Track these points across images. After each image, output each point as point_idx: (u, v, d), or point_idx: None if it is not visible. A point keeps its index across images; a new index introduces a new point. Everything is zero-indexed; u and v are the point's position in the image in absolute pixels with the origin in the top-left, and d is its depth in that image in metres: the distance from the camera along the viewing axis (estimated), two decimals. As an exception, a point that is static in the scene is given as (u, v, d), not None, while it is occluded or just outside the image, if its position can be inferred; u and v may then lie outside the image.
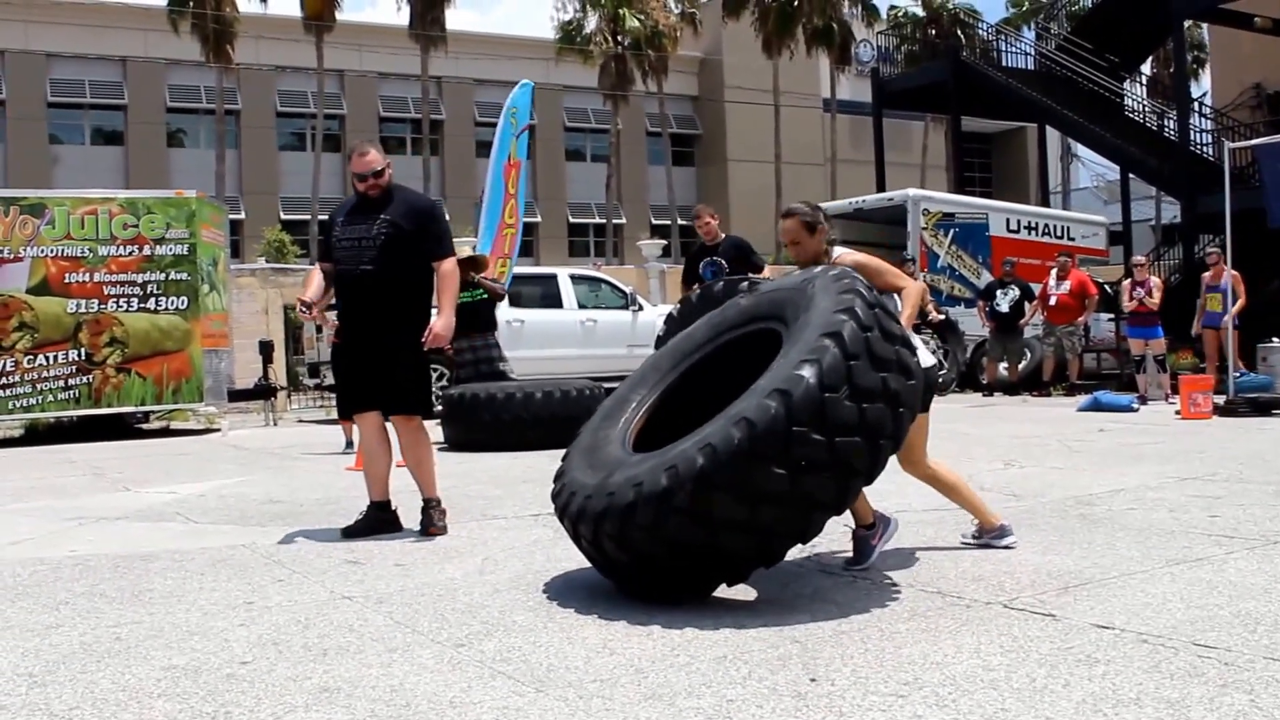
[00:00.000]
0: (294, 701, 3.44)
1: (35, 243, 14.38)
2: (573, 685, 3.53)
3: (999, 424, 12.91)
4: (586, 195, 50.70)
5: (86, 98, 46.43)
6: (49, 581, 5.45)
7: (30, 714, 3.42)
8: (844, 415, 4.13)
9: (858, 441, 4.16)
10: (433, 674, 3.70)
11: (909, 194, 20.81)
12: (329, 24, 43.31)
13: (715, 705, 3.28)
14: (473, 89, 50.69)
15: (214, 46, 41.97)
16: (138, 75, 46.41)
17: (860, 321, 4.32)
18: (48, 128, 45.85)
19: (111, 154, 46.30)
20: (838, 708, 3.22)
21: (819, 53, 49.29)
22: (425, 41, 44.06)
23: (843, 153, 48.87)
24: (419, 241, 6.41)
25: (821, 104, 52.25)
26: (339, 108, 48.97)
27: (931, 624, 4.12)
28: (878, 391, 4.24)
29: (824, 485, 4.16)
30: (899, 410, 4.34)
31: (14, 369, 14.24)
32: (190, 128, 48.65)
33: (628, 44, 47.02)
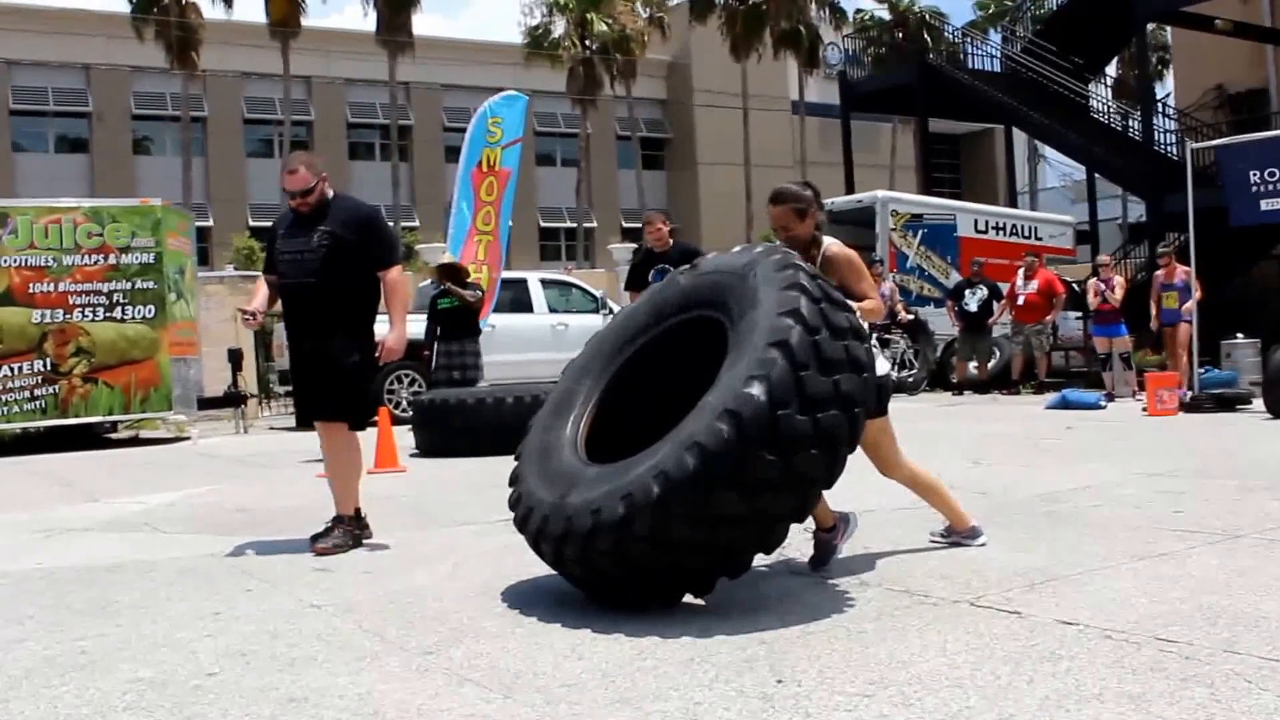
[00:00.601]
0: (261, 712, 3.43)
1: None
2: (540, 690, 3.53)
3: (968, 422, 12.97)
4: (557, 199, 50.68)
5: (49, 105, 46.10)
6: (13, 596, 5.41)
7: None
8: (798, 429, 4.09)
9: (814, 455, 4.14)
10: (401, 682, 3.69)
11: (877, 196, 20.88)
12: (295, 30, 43.12)
13: (682, 708, 3.29)
14: (441, 94, 50.60)
15: (178, 53, 41.72)
16: (101, 82, 46.11)
17: (806, 324, 4.23)
18: (10, 135, 45.49)
19: (76, 162, 45.99)
20: (804, 708, 3.24)
21: (787, 56, 49.40)
22: (393, 47, 43.95)
23: (812, 155, 48.95)
24: (362, 251, 6.27)
25: (790, 106, 52.32)
26: (306, 114, 48.80)
27: (898, 623, 4.14)
28: (830, 398, 4.18)
29: (782, 501, 4.17)
30: (854, 411, 4.29)
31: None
32: (156, 135, 48.37)
33: (596, 48, 47.03)
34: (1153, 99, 27.30)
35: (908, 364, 18.62)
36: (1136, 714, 3.09)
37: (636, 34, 47.30)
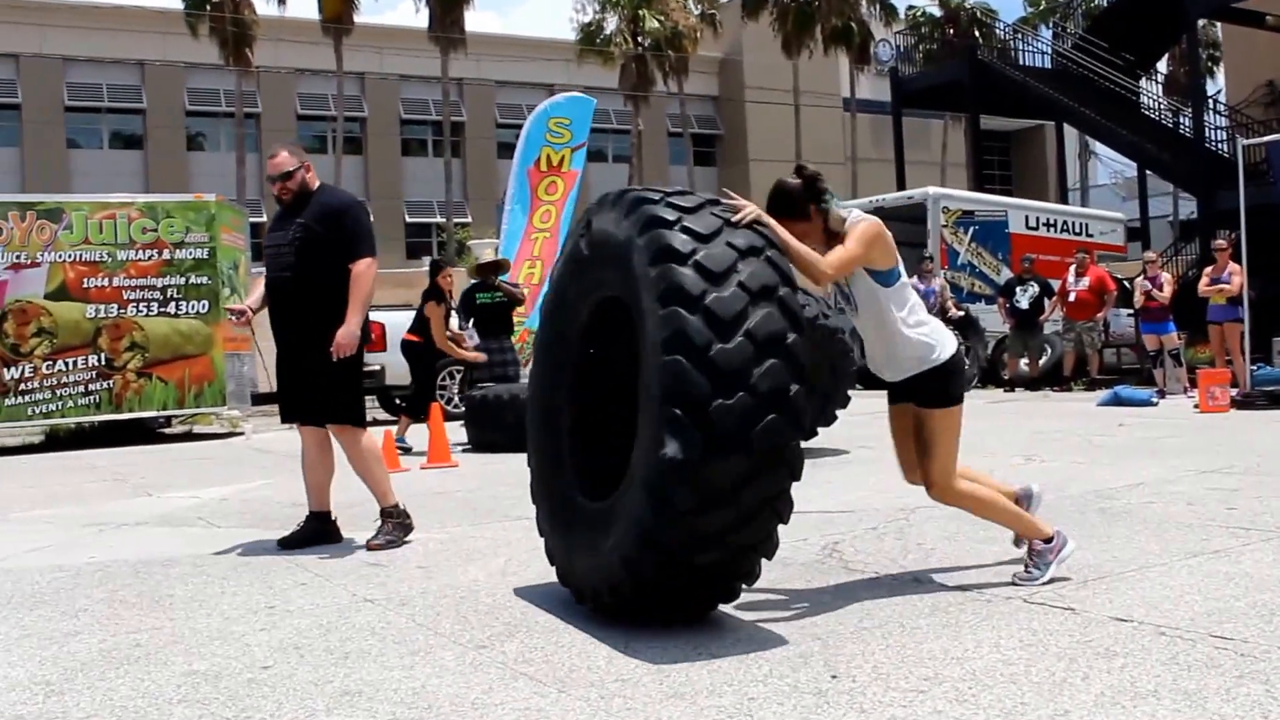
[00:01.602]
0: (316, 705, 3.45)
1: (53, 248, 14.41)
2: (594, 685, 3.54)
3: (1019, 419, 12.87)
4: (608, 196, 50.69)
5: (104, 101, 46.63)
6: (68, 588, 5.47)
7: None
8: (726, 477, 3.81)
9: (752, 491, 3.87)
10: (455, 675, 3.71)
11: (929, 192, 20.77)
12: (348, 27, 43.43)
13: (737, 703, 3.28)
14: (494, 90, 50.82)
15: (233, 49, 42.14)
16: (156, 79, 46.58)
17: (698, 353, 3.79)
18: (65, 132, 46.03)
19: (130, 158, 46.48)
20: (859, 704, 3.23)
21: (838, 52, 49.26)
22: (445, 44, 44.15)
23: (863, 151, 48.80)
24: (334, 244, 6.17)
25: (841, 103, 52.19)
26: (360, 110, 49.11)
27: (952, 619, 4.12)
28: (751, 411, 3.80)
29: (747, 539, 3.99)
30: (788, 400, 3.87)
31: (33, 375, 14.28)
32: (210, 131, 48.84)
33: (648, 45, 47.06)
34: (1203, 95, 27.07)
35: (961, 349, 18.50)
36: (1192, 710, 3.07)
37: (688, 30, 47.31)
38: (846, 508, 6.77)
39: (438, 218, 48.88)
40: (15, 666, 4.09)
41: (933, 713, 3.13)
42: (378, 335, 16.43)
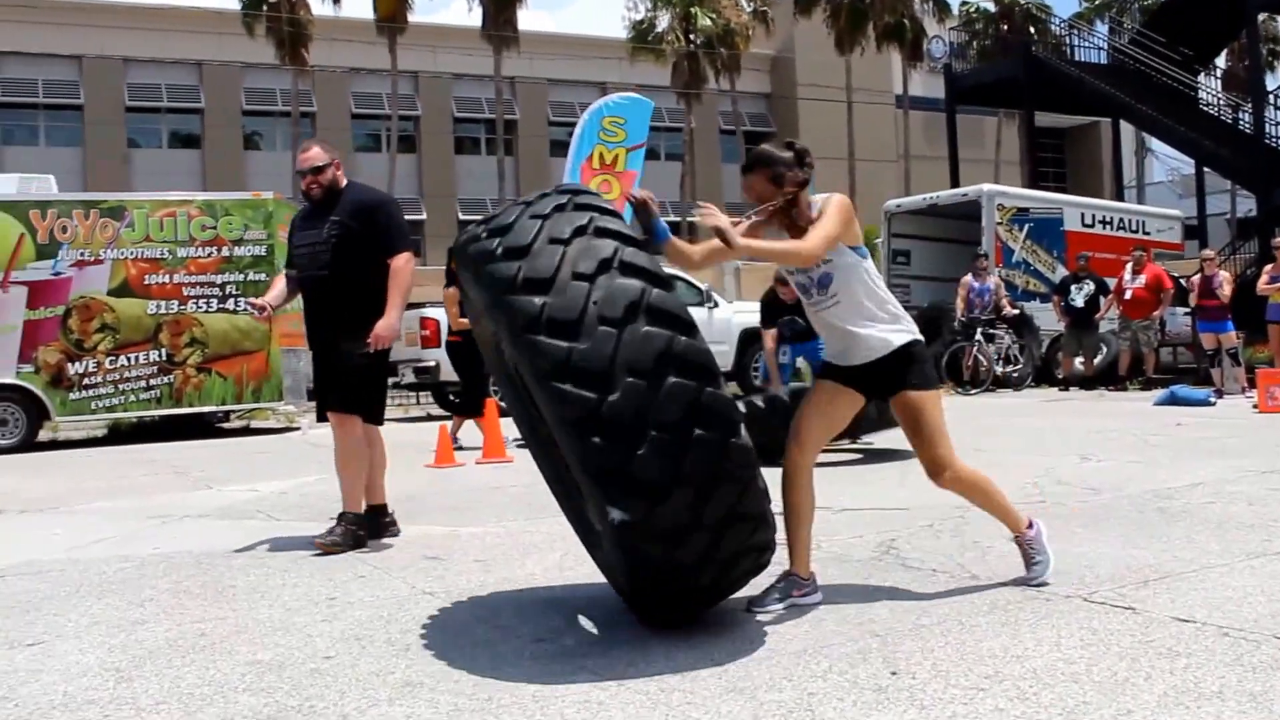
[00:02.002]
0: (378, 695, 3.49)
1: (115, 245, 14.66)
2: (653, 679, 3.55)
3: (1075, 418, 12.78)
4: (660, 193, 50.54)
5: (163, 101, 47.13)
6: (134, 579, 5.56)
7: (118, 708, 3.50)
8: (680, 513, 3.65)
9: (715, 506, 3.72)
10: (514, 668, 3.74)
11: (983, 189, 20.65)
12: (401, 26, 43.67)
13: (796, 699, 3.29)
14: (546, 89, 50.97)
15: (289, 49, 42.49)
16: (213, 79, 47.04)
17: (595, 423, 3.55)
18: (126, 132, 46.59)
19: (188, 157, 46.95)
20: (919, 701, 3.23)
21: (890, 49, 49.02)
22: (498, 42, 44.31)
23: (916, 149, 48.54)
24: (370, 240, 6.13)
25: (894, 100, 51.94)
26: (413, 109, 49.36)
27: (1011, 617, 4.10)
28: (680, 452, 3.60)
29: (736, 545, 3.87)
30: (708, 414, 3.64)
31: (96, 370, 14.53)
32: (266, 130, 49.26)
33: (700, 42, 47.03)
34: (1263, 91, 26.66)
35: (1012, 359, 18.38)
36: (1259, 713, 3.04)
37: (740, 28, 47.25)
38: (902, 505, 6.75)
39: (491, 215, 49.00)
40: (86, 653, 4.17)
41: (994, 710, 3.12)
42: (432, 331, 16.56)
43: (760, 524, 3.87)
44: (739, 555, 3.90)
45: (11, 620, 4.80)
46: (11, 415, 14.31)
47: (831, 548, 5.50)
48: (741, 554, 3.91)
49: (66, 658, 4.13)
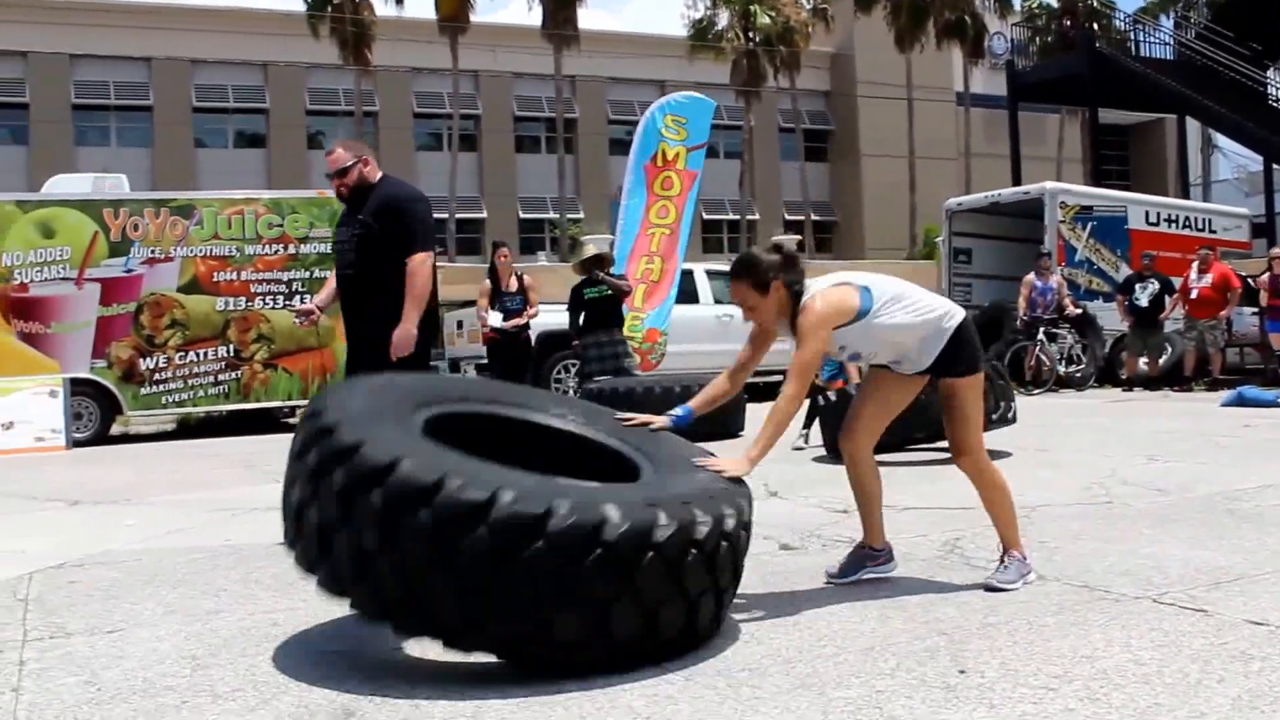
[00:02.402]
0: (448, 686, 3.53)
1: (185, 243, 14.89)
2: (721, 674, 3.57)
3: (1140, 419, 12.66)
4: (719, 191, 50.65)
5: (229, 102, 47.70)
6: (207, 569, 5.65)
7: (195, 694, 3.57)
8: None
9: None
10: (582, 661, 3.77)
11: (1046, 187, 20.48)
12: (463, 25, 43.95)
13: (865, 695, 3.31)
14: (606, 87, 51.09)
15: (352, 49, 42.87)
16: (278, 79, 47.55)
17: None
18: (193, 132, 47.18)
19: (254, 156, 47.48)
20: (988, 699, 3.23)
21: (951, 46, 48.73)
22: (558, 41, 44.48)
23: (977, 146, 48.21)
24: (392, 239, 6.02)
25: (955, 97, 51.63)
26: (474, 108, 49.64)
27: (1080, 618, 4.09)
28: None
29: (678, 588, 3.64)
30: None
31: (166, 365, 14.77)
32: (329, 129, 49.64)
33: (759, 40, 46.97)
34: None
35: (1075, 359, 18.23)
36: (1333, 715, 3.03)
37: (800, 25, 47.17)
38: (966, 504, 6.68)
39: (551, 214, 49.24)
40: (163, 641, 4.25)
41: (1064, 710, 3.13)
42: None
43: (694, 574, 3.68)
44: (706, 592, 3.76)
45: (92, 607, 4.91)
46: (86, 409, 14.58)
47: (896, 546, 5.48)
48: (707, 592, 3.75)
49: (144, 645, 4.22)
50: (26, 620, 4.71)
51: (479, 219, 49.44)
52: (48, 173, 21.07)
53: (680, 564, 3.55)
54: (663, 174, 15.55)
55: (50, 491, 9.52)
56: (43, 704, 3.54)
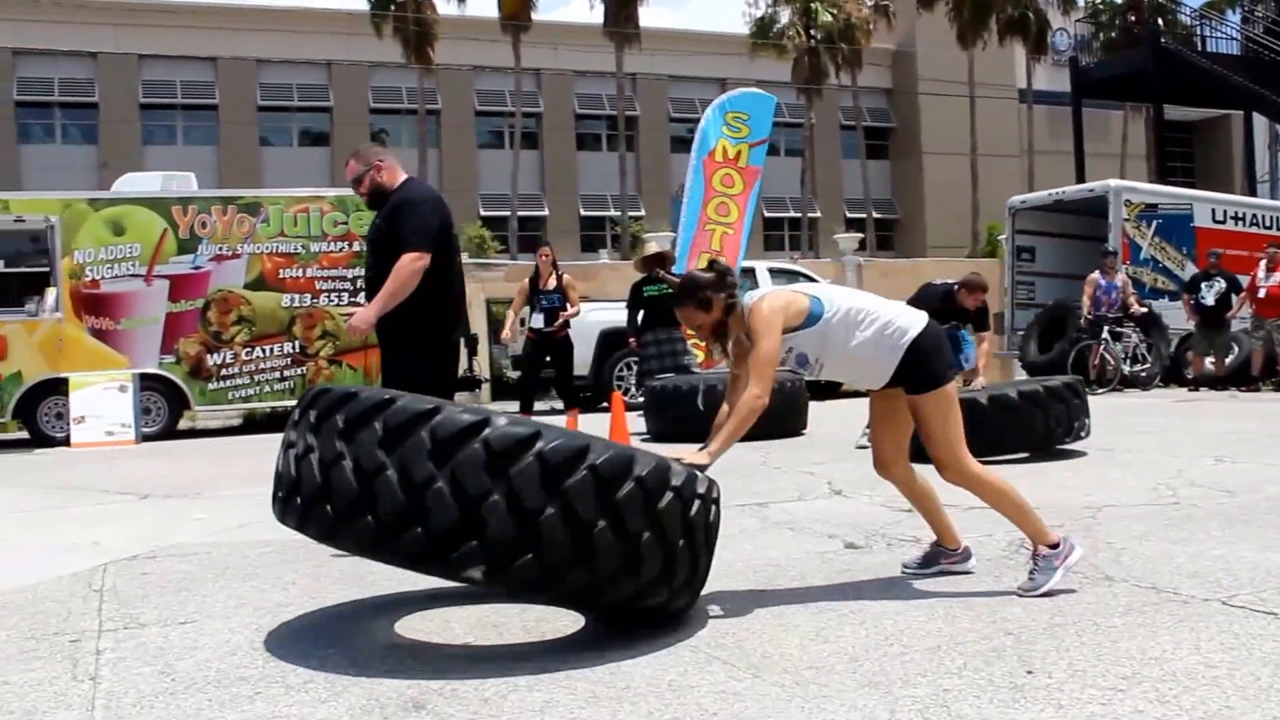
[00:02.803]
0: (516, 680, 3.57)
1: (251, 240, 15.07)
2: (788, 672, 3.59)
3: (1206, 419, 12.51)
4: (781, 189, 50.51)
5: (294, 100, 48.12)
6: (276, 563, 5.74)
7: (267, 685, 3.63)
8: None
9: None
10: (648, 658, 3.79)
11: (1110, 185, 20.29)
12: (525, 24, 44.07)
13: (932, 694, 3.31)
14: (667, 85, 51.09)
15: (415, 48, 43.12)
16: (342, 78, 47.91)
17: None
18: (258, 130, 47.66)
19: (318, 154, 47.86)
20: (1056, 700, 3.23)
21: (1014, 42, 48.32)
22: (620, 39, 44.51)
23: (1040, 144, 47.77)
24: (396, 240, 5.95)
25: (1017, 94, 51.22)
26: (536, 106, 49.80)
27: (1148, 619, 4.07)
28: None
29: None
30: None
31: (233, 361, 14.97)
32: (392, 127, 50.01)
33: (821, 38, 46.80)
34: None
35: (1140, 358, 18.05)
36: None
37: (861, 23, 46.91)
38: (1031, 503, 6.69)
39: (611, 211, 49.33)
40: (235, 633, 4.33)
41: (1133, 712, 3.11)
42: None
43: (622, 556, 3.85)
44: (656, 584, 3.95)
45: (165, 599, 5.00)
46: (154, 404, 14.82)
47: (961, 546, 5.50)
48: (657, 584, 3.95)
49: (217, 636, 4.30)
50: (102, 611, 4.81)
51: (540, 217, 49.59)
52: (117, 171, 21.40)
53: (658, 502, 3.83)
54: (722, 170, 15.55)
55: (121, 485, 9.68)
56: (120, 693, 3.62)
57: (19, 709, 3.50)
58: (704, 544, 4.10)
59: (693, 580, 4.09)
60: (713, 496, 4.16)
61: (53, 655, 4.11)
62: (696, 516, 3.99)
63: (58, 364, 14.49)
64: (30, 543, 6.82)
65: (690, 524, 3.95)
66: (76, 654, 4.11)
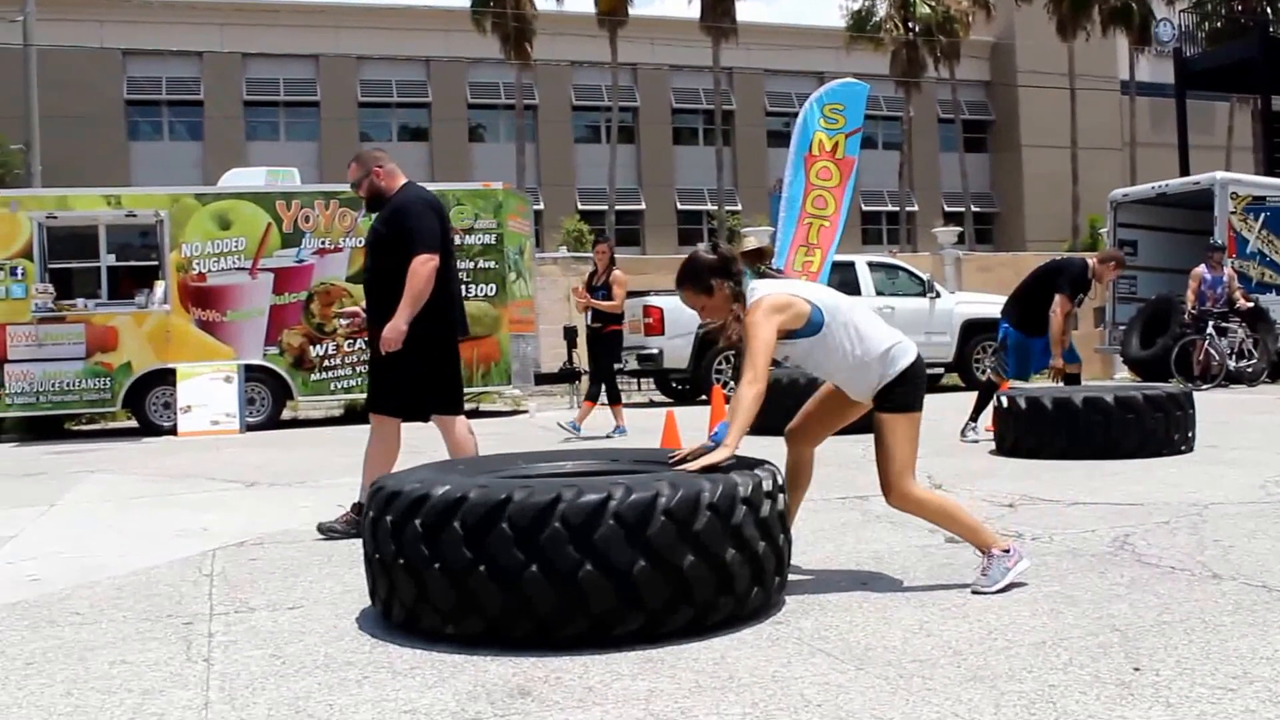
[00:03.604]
0: (620, 669, 3.60)
1: (353, 233, 15.27)
2: (892, 664, 3.58)
3: (1317, 418, 12.27)
4: (878, 183, 50.22)
5: (393, 97, 48.71)
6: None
7: (375, 670, 3.71)
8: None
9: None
10: (752, 649, 3.80)
11: (1216, 177, 19.89)
12: (622, 19, 44.21)
13: (1038, 690, 3.28)
14: (763, 79, 50.96)
15: (513, 44, 43.42)
16: (441, 74, 48.40)
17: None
18: (358, 126, 48.29)
19: (416, 149, 48.40)
20: (1164, 698, 3.19)
21: (1116, 33, 47.54)
22: (716, 33, 44.48)
23: (1142, 136, 46.98)
24: (397, 242, 6.19)
25: (1119, 86, 50.38)
26: (632, 100, 49.94)
27: (1259, 618, 4.00)
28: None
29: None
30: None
31: (335, 353, 15.20)
32: (490, 123, 50.48)
33: (919, 30, 46.41)
34: None
35: (1246, 354, 17.70)
36: None
37: (960, 15, 46.49)
38: (1134, 500, 6.61)
39: (708, 205, 49.32)
40: (342, 618, 4.41)
41: (1244, 711, 3.06)
42: (656, 319, 16.79)
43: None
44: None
45: (273, 584, 5.11)
46: (259, 394, 15.13)
47: (1064, 541, 5.45)
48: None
49: (324, 621, 4.38)
50: (213, 595, 4.93)
51: (638, 210, 49.74)
52: (221, 167, 21.80)
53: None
54: (820, 164, 15.45)
55: (228, 473, 9.89)
56: (232, 674, 3.71)
57: (137, 687, 3.60)
58: (781, 531, 4.24)
59: (781, 569, 4.27)
60: (778, 485, 4.27)
61: (167, 637, 4.23)
62: (770, 515, 4.14)
63: (166, 355, 14.82)
64: (142, 528, 6.98)
65: (765, 524, 4.10)
66: (190, 636, 4.23)
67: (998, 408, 9.55)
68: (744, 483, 4.04)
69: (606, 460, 4.95)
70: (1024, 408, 9.10)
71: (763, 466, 4.28)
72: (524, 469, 4.76)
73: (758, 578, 4.06)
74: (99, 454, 12.54)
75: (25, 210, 14.86)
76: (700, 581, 3.88)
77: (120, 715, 3.34)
